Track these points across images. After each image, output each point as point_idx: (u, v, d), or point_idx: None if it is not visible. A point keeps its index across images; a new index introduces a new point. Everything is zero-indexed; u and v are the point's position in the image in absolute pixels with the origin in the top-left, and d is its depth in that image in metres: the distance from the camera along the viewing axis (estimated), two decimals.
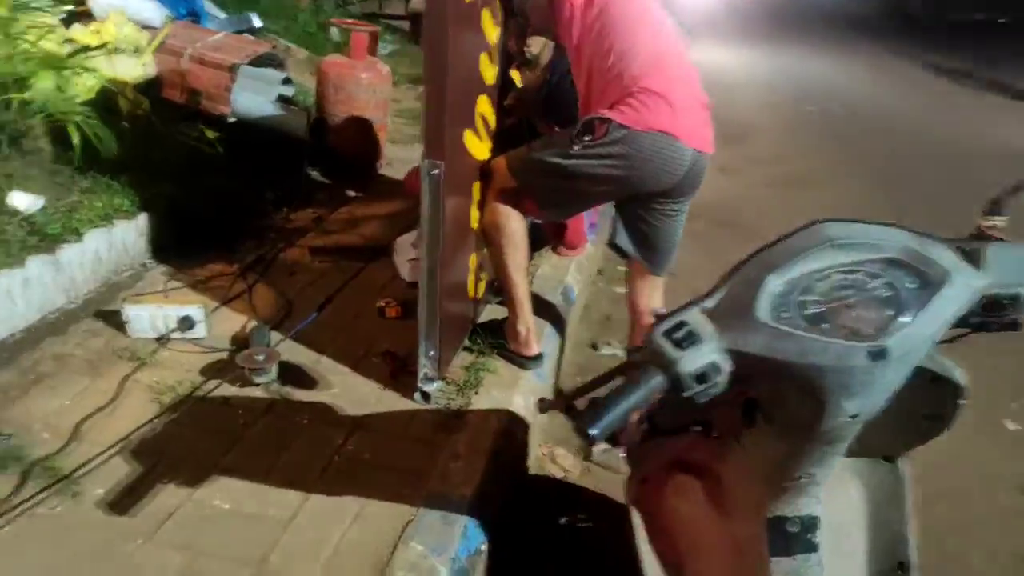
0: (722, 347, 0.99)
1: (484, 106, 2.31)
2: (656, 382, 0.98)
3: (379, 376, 2.34)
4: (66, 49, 3.26)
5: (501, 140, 2.47)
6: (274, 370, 2.23)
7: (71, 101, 2.71)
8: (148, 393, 2.17)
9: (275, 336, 2.46)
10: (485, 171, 2.36)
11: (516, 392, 2.34)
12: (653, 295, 2.44)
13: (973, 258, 1.02)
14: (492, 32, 2.28)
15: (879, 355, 0.95)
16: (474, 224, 2.38)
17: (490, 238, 2.38)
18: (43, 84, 2.64)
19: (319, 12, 7.01)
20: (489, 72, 2.32)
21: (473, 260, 2.45)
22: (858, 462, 1.37)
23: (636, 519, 1.57)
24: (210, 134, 3.54)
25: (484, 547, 1.83)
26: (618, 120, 2.07)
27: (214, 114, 3.57)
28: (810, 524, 1.20)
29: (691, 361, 0.97)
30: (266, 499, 1.83)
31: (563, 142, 2.17)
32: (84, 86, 3.16)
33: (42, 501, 1.74)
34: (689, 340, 0.99)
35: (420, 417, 2.19)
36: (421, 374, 2.21)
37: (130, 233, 2.78)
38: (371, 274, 2.97)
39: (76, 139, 2.65)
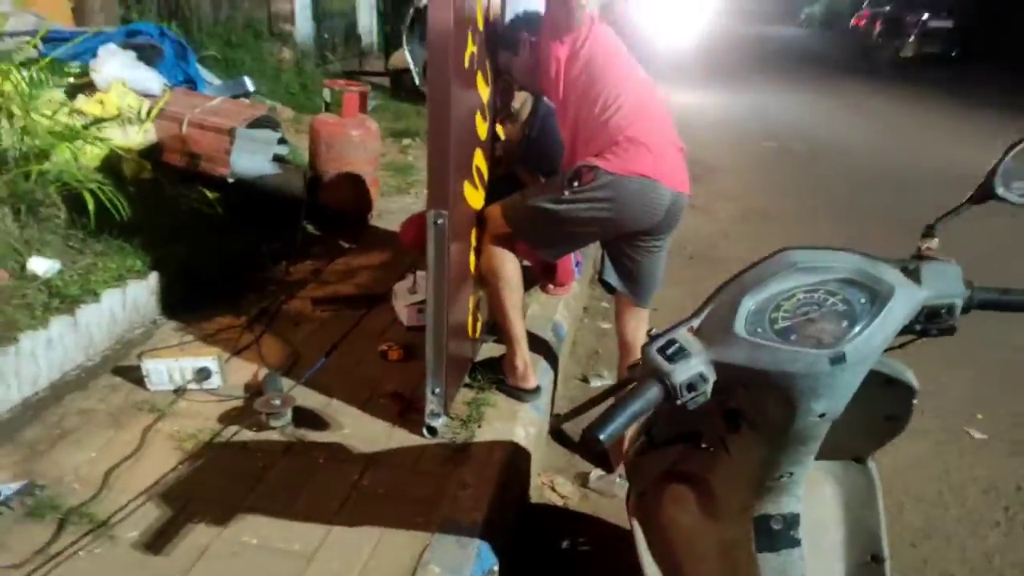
0: (708, 359, 1.15)
1: (479, 159, 2.50)
2: (653, 392, 1.14)
3: (387, 415, 2.48)
4: (78, 120, 3.45)
5: (492, 189, 2.67)
6: (289, 414, 2.37)
7: (86, 170, 2.87)
8: (170, 442, 2.29)
9: (286, 382, 2.60)
10: (480, 219, 2.54)
11: (517, 424, 2.48)
12: (639, 327, 2.62)
13: (914, 275, 1.20)
14: (484, 91, 2.49)
15: (839, 360, 1.11)
16: (472, 268, 2.55)
17: (488, 281, 2.55)
18: (60, 155, 2.80)
19: (301, 72, 7.28)
20: (482, 127, 2.52)
21: (471, 301, 2.62)
22: (832, 464, 1.52)
23: (637, 529, 1.71)
24: (210, 195, 3.71)
25: (496, 568, 1.96)
26: (604, 167, 2.28)
27: (214, 175, 3.75)
28: (792, 521, 1.34)
29: (682, 372, 1.13)
30: (291, 534, 1.95)
31: (554, 189, 2.37)
32: (92, 154, 3.35)
33: (82, 545, 1.86)
34: (679, 354, 1.14)
35: (428, 451, 2.33)
36: (428, 410, 2.35)
37: (142, 292, 2.92)
38: (371, 320, 3.12)
39: (91, 205, 2.81)
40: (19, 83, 2.78)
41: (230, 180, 3.72)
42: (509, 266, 2.51)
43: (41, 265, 2.70)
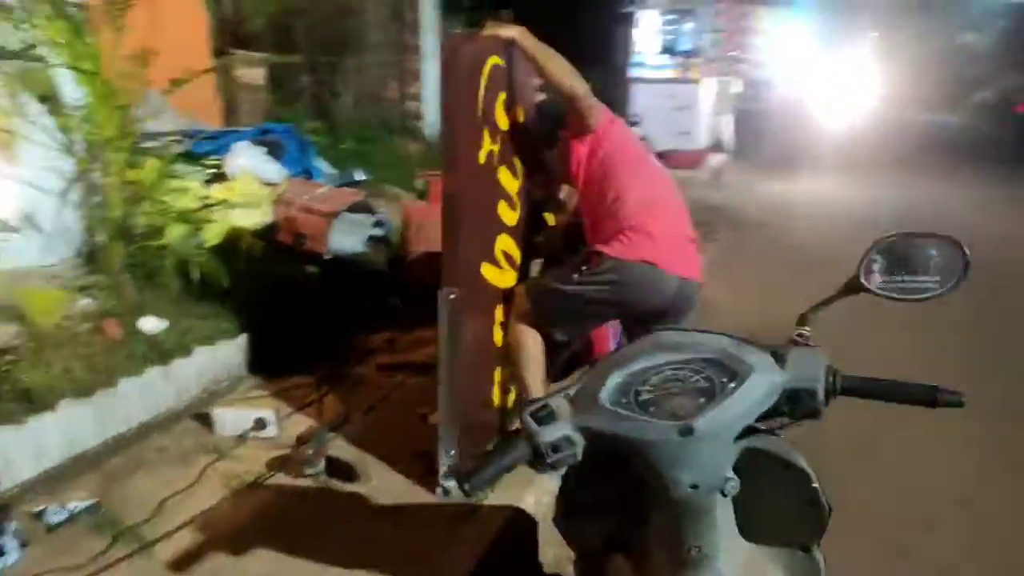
0: (575, 424, 1.29)
1: (505, 244, 2.74)
2: (521, 450, 1.29)
3: (412, 473, 2.69)
4: (204, 202, 4.07)
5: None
6: (322, 464, 2.64)
7: (195, 246, 3.41)
8: (221, 480, 2.63)
9: (333, 436, 2.89)
10: (508, 296, 2.77)
11: (528, 492, 2.61)
12: None
13: (781, 360, 1.29)
14: (512, 183, 2.75)
15: (687, 432, 1.21)
16: (498, 342, 2.76)
17: (511, 354, 2.75)
18: (174, 233, 3.35)
19: (427, 162, 7.93)
20: (510, 215, 2.76)
21: (498, 374, 2.82)
22: (780, 552, 1.55)
23: None
24: (312, 269, 4.20)
25: None
26: (609, 253, 2.46)
27: (316, 253, 4.25)
28: None
29: (547, 434, 1.27)
30: (293, 571, 2.19)
31: (567, 271, 2.57)
32: (213, 232, 3.93)
33: (126, 557, 2.21)
34: (548, 418, 1.29)
35: (440, 509, 2.52)
36: (442, 471, 2.54)
37: (231, 350, 3.37)
38: (422, 385, 3.38)
39: (195, 275, 3.32)
40: (151, 173, 3.38)
41: (327, 257, 4.19)
42: (530, 341, 2.70)
43: (149, 324, 3.20)
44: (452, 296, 2.41)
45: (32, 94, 3.24)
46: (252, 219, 4.25)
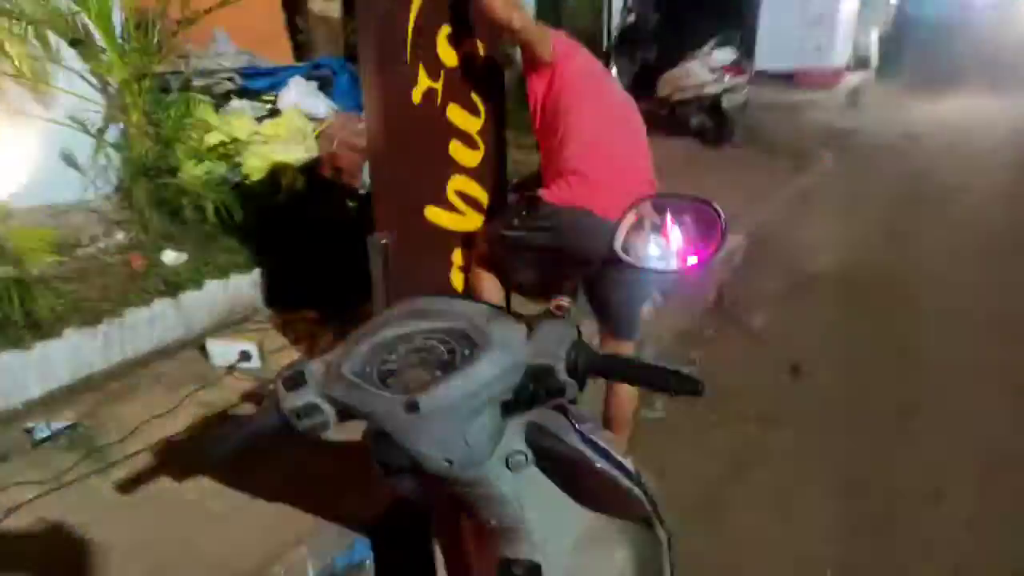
0: (321, 392, 1.24)
1: (461, 184, 2.63)
2: (269, 417, 1.27)
3: None
4: (256, 139, 4.25)
5: None
6: None
7: (211, 184, 3.56)
8: (198, 409, 2.81)
9: None
10: (467, 240, 2.68)
11: None
12: None
13: (533, 334, 1.16)
14: (469, 122, 2.61)
15: (412, 407, 1.13)
16: (457, 286, 2.70)
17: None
18: (190, 171, 3.52)
19: None
20: (467, 155, 2.64)
21: None
22: (626, 524, 1.46)
23: (437, 553, 1.76)
24: (351, 204, 4.28)
25: (368, 563, 2.13)
26: (546, 198, 2.31)
27: (353, 187, 4.32)
28: (533, 570, 1.30)
29: (291, 400, 1.23)
30: (224, 497, 2.32)
31: (509, 216, 2.45)
32: (251, 166, 4.09)
33: (86, 475, 2.43)
34: (298, 384, 1.26)
35: None
36: None
37: (245, 283, 3.53)
38: None
39: (211, 211, 3.48)
40: (172, 112, 3.56)
41: (362, 191, 4.25)
42: (485, 284, 2.61)
43: (170, 256, 3.42)
44: (384, 241, 2.36)
45: (64, 38, 3.46)
46: (295, 154, 4.37)
